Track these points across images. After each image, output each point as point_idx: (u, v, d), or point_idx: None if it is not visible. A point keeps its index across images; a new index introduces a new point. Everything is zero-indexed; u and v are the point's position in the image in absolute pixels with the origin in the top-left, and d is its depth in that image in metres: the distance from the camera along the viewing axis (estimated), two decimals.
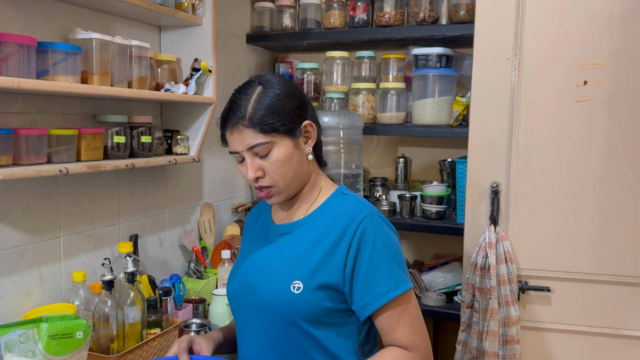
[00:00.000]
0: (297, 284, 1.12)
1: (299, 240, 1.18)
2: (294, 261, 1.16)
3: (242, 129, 1.09)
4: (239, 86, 1.18)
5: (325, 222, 1.16)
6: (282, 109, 1.11)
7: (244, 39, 2.42)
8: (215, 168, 2.26)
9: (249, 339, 1.22)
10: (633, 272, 1.76)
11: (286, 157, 1.12)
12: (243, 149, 1.11)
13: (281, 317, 1.14)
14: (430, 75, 2.18)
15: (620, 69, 1.71)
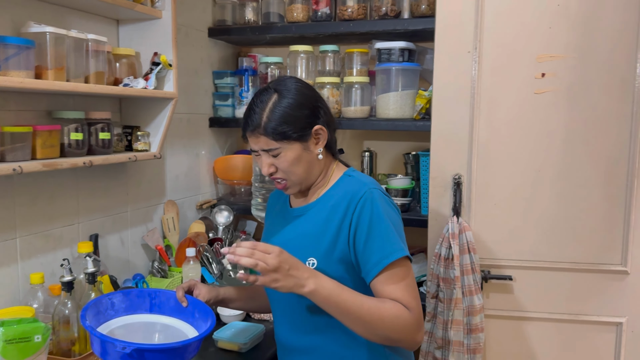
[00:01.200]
0: (311, 261, 1.24)
1: (311, 220, 1.29)
2: (307, 240, 1.27)
3: (258, 135, 1.23)
4: (257, 91, 1.29)
5: (331, 203, 1.27)
6: (294, 118, 1.23)
7: (206, 33, 2.38)
8: (178, 164, 2.23)
9: (280, 318, 1.36)
10: (591, 259, 1.82)
11: (294, 159, 1.24)
12: (258, 149, 1.25)
13: (300, 296, 1.18)
14: (394, 69, 2.19)
15: (578, 61, 1.76)
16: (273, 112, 1.22)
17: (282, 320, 1.36)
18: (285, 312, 1.34)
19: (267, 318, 1.87)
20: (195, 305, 1.34)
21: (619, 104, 1.74)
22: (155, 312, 1.36)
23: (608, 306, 1.83)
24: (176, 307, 1.35)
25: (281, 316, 1.37)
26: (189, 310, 1.34)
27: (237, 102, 2.43)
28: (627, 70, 1.73)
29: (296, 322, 1.31)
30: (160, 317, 1.36)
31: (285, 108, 1.23)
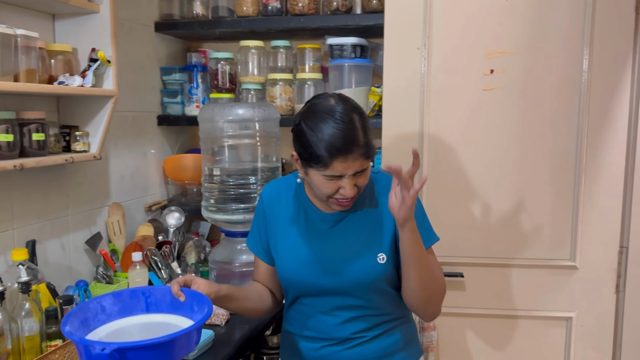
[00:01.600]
0: (381, 256, 1.31)
1: (364, 219, 1.34)
2: (371, 238, 1.33)
3: (357, 157, 1.20)
4: (339, 113, 1.21)
5: (379, 199, 1.35)
6: (372, 135, 1.25)
7: (153, 28, 2.30)
8: (123, 165, 2.14)
9: (322, 315, 1.36)
10: (541, 255, 1.83)
11: (368, 174, 1.28)
12: (350, 173, 1.21)
13: (370, 288, 1.32)
14: (346, 66, 2.15)
15: (526, 57, 1.75)
16: (365, 133, 1.22)
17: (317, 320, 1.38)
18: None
19: (217, 323, 1.82)
20: (192, 298, 1.23)
21: (567, 100, 1.75)
22: (152, 312, 1.26)
23: (558, 301, 1.84)
24: (173, 303, 1.25)
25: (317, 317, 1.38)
26: (187, 304, 1.23)
27: (186, 99, 2.36)
28: (574, 67, 1.74)
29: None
30: (158, 315, 1.26)
31: (368, 125, 1.24)
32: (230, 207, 1.91)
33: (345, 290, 1.33)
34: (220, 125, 1.91)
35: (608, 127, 1.74)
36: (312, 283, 1.35)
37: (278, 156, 2.05)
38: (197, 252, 2.24)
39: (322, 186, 1.24)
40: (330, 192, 1.24)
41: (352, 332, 1.35)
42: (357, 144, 1.19)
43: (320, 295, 1.36)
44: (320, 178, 1.23)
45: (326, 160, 1.19)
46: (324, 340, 1.38)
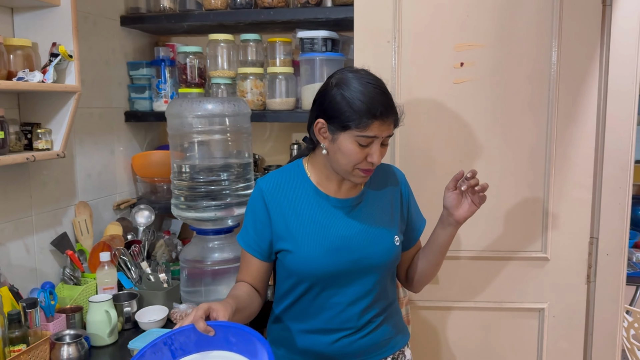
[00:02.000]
0: (396, 238, 1.39)
1: (377, 204, 1.41)
2: (386, 221, 1.40)
3: (392, 122, 1.27)
4: (373, 77, 1.29)
5: (386, 186, 1.44)
6: None
7: (118, 21, 2.24)
8: (90, 163, 2.08)
9: (342, 305, 1.36)
10: (513, 247, 1.84)
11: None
12: (383, 136, 1.27)
13: (387, 271, 1.41)
14: (318, 60, 2.13)
15: (496, 49, 1.75)
16: (393, 99, 1.30)
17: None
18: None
19: None
20: (224, 330, 1.12)
21: (537, 92, 1.76)
22: (179, 357, 1.13)
23: (530, 292, 1.86)
24: (200, 341, 1.13)
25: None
26: (219, 337, 1.12)
27: (154, 95, 2.30)
28: (543, 59, 1.74)
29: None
30: (189, 357, 1.13)
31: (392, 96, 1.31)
32: (201, 205, 1.87)
33: (367, 275, 1.36)
34: (189, 120, 1.87)
35: (577, 119, 1.75)
36: (338, 271, 1.34)
37: (250, 152, 2.02)
38: (168, 250, 2.20)
39: (351, 153, 1.26)
40: (359, 159, 1.27)
41: (368, 319, 1.38)
42: (393, 108, 1.27)
43: (342, 285, 1.36)
44: (351, 144, 1.26)
45: (367, 121, 1.23)
46: (340, 330, 1.37)
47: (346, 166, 1.29)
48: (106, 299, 1.69)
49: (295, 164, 1.43)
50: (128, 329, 1.76)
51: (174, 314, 1.79)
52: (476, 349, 1.91)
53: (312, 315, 1.38)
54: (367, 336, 1.39)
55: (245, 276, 1.41)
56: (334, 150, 1.29)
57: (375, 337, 1.40)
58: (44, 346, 1.50)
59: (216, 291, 1.89)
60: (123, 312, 1.75)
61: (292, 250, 1.34)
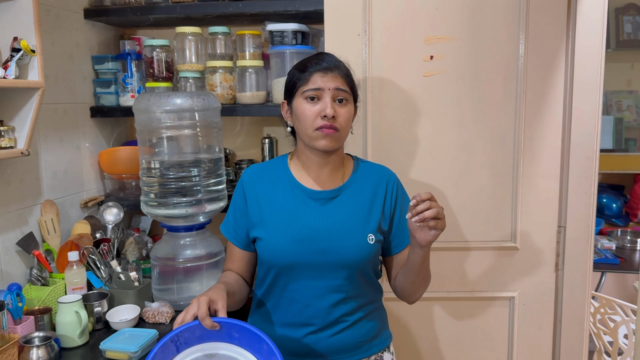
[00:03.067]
0: (371, 236, 1.36)
1: (354, 200, 1.39)
2: (361, 218, 1.37)
3: (337, 74, 1.31)
4: (318, 53, 1.38)
5: (368, 184, 1.41)
6: (354, 78, 1.39)
7: (82, 14, 2.17)
8: (55, 160, 2.02)
9: (308, 299, 1.36)
10: (483, 237, 1.86)
11: (351, 115, 1.36)
12: (331, 87, 1.30)
13: (357, 269, 1.36)
14: (288, 53, 2.11)
15: (465, 42, 1.77)
16: (346, 66, 1.36)
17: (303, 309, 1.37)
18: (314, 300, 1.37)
19: (162, 321, 1.76)
20: (229, 326, 1.15)
21: (505, 84, 1.78)
22: (182, 350, 1.16)
23: (500, 282, 1.89)
24: (204, 334, 1.15)
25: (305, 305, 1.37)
26: (222, 332, 1.15)
27: (121, 89, 2.25)
28: (511, 51, 1.76)
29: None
30: (193, 349, 1.16)
31: (350, 70, 1.37)
32: (171, 201, 1.84)
33: (334, 269, 1.34)
34: (158, 115, 1.83)
35: (544, 110, 1.78)
36: (303, 261, 1.34)
37: (221, 146, 1.99)
38: (138, 248, 2.17)
39: (304, 111, 1.31)
40: (313, 116, 1.30)
41: (336, 317, 1.36)
42: (337, 64, 1.33)
43: (308, 277, 1.35)
44: (302, 104, 1.31)
45: (307, 75, 1.31)
46: (307, 325, 1.37)
47: (307, 130, 1.32)
48: (76, 299, 1.65)
49: (281, 157, 1.48)
50: (99, 329, 1.73)
51: (146, 313, 1.77)
52: (448, 339, 1.94)
53: (281, 307, 1.39)
54: (336, 335, 1.37)
55: (230, 265, 1.47)
56: (295, 121, 1.36)
57: (346, 338, 1.38)
58: (12, 349, 1.46)
59: (188, 289, 1.87)
60: (93, 312, 1.72)
61: (262, 238, 1.38)
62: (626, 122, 3.30)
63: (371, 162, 1.49)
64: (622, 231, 3.23)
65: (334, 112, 1.29)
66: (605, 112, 3.32)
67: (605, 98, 3.33)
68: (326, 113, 1.28)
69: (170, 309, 1.78)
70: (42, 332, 1.58)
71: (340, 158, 1.43)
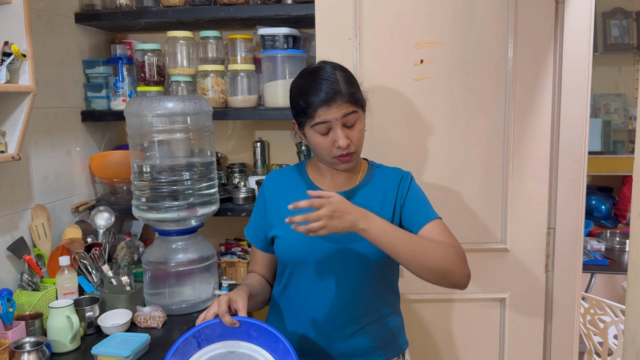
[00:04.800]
0: None
1: (367, 201, 1.39)
2: None
3: (340, 102, 1.28)
4: (321, 70, 1.32)
5: (382, 185, 1.42)
6: (359, 86, 1.36)
7: (73, 19, 2.17)
8: (46, 165, 2.02)
9: (322, 299, 1.36)
10: (475, 239, 1.88)
11: (363, 129, 1.35)
12: (338, 118, 1.28)
13: (370, 267, 1.35)
14: (279, 57, 2.12)
15: (455, 46, 1.78)
16: (347, 82, 1.31)
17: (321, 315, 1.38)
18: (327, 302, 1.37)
19: (154, 325, 1.76)
20: (248, 325, 1.19)
21: (494, 87, 1.80)
22: (204, 346, 1.22)
23: (492, 283, 1.90)
24: (225, 332, 1.21)
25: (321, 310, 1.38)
26: (242, 331, 1.20)
27: (112, 93, 2.25)
28: (500, 55, 1.78)
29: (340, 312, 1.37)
30: (214, 346, 1.22)
31: (353, 78, 1.35)
32: (163, 205, 1.84)
33: (347, 269, 1.35)
34: (149, 119, 1.83)
35: (533, 113, 1.80)
36: (317, 259, 1.36)
37: (212, 150, 2.00)
38: (130, 253, 2.16)
39: (318, 144, 1.32)
40: (328, 147, 1.31)
41: (348, 318, 1.37)
42: (338, 91, 1.28)
43: (321, 276, 1.36)
44: (314, 136, 1.32)
45: (310, 111, 1.29)
46: (318, 326, 1.38)
47: (324, 157, 1.35)
48: (67, 304, 1.64)
49: (300, 162, 1.52)
50: (91, 334, 1.72)
51: (138, 317, 1.76)
52: (440, 340, 1.95)
53: (295, 306, 1.42)
54: (348, 338, 1.37)
55: (253, 267, 1.53)
56: (310, 145, 1.37)
57: (358, 341, 1.38)
58: (3, 355, 1.45)
59: (180, 293, 1.87)
60: (85, 317, 1.71)
61: (279, 236, 1.41)
62: (614, 124, 3.34)
63: (387, 166, 1.50)
64: (611, 232, 3.26)
65: (347, 140, 1.30)
66: (593, 115, 3.36)
67: (594, 101, 3.37)
68: (340, 145, 1.29)
69: (162, 314, 1.78)
70: (33, 338, 1.57)
71: (357, 163, 1.45)
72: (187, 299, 1.87)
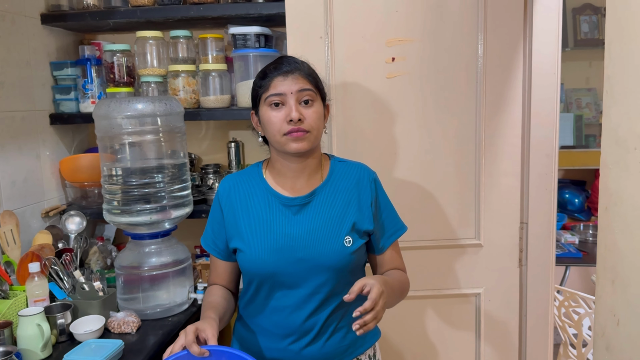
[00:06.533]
0: (348, 239, 1.33)
1: (328, 204, 1.35)
2: (336, 222, 1.34)
3: (298, 75, 1.29)
4: (278, 58, 1.36)
5: (344, 185, 1.38)
6: (320, 78, 1.36)
7: (39, 20, 2.12)
8: (14, 169, 1.97)
9: (290, 308, 1.34)
10: (449, 235, 1.89)
11: (320, 113, 1.32)
12: (293, 91, 1.27)
13: (336, 274, 1.32)
14: (251, 56, 2.10)
15: (426, 44, 1.79)
16: (309, 67, 1.34)
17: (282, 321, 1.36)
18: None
19: (128, 331, 1.73)
20: (219, 354, 1.14)
21: (465, 84, 1.81)
22: None
23: (466, 279, 1.92)
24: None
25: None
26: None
27: (81, 95, 2.20)
28: (471, 52, 1.79)
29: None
30: None
31: (314, 68, 1.36)
32: (134, 209, 1.81)
33: (314, 277, 1.32)
34: (119, 121, 1.80)
35: (504, 109, 1.82)
36: (282, 271, 1.32)
37: (185, 151, 1.97)
38: (102, 257, 2.12)
39: (270, 118, 1.29)
40: (280, 122, 1.28)
41: (319, 325, 1.34)
42: (296, 65, 1.30)
43: (289, 286, 1.33)
44: (267, 111, 1.30)
45: (267, 81, 1.29)
46: (289, 335, 1.35)
47: (276, 137, 1.30)
48: (37, 311, 1.60)
49: (255, 165, 1.46)
50: (63, 342, 1.69)
51: (111, 323, 1.73)
52: (416, 337, 1.96)
53: (264, 317, 1.38)
54: (319, 343, 1.35)
55: (214, 278, 1.47)
56: (264, 129, 1.34)
57: (330, 346, 1.36)
58: None
59: (155, 297, 1.84)
60: (57, 324, 1.67)
61: (241, 249, 1.36)
62: (586, 119, 3.39)
63: (349, 161, 1.45)
64: (584, 225, 3.31)
65: (300, 114, 1.27)
66: (565, 110, 3.40)
67: (565, 96, 3.42)
68: (292, 117, 1.26)
69: (136, 319, 1.75)
70: (3, 347, 1.53)
71: (317, 160, 1.40)
72: (161, 303, 1.84)
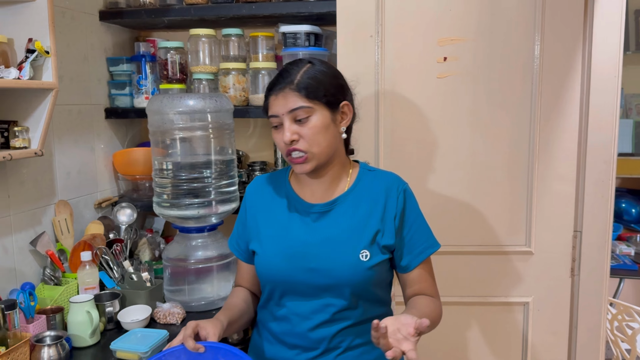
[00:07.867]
0: (364, 253, 1.24)
1: (349, 214, 1.28)
2: (355, 233, 1.26)
3: (288, 92, 1.20)
4: (288, 62, 1.29)
5: (368, 195, 1.29)
6: (326, 82, 1.23)
7: (97, 16, 2.19)
8: (69, 161, 2.04)
9: (299, 318, 1.28)
10: (497, 242, 1.84)
11: (323, 125, 1.22)
12: (284, 112, 1.20)
13: (351, 289, 1.24)
14: (301, 54, 2.10)
15: (479, 44, 1.75)
16: (307, 73, 1.22)
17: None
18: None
19: (173, 322, 1.76)
20: (214, 351, 1.14)
21: (520, 86, 1.76)
22: None
23: (515, 287, 1.86)
24: (191, 358, 1.15)
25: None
26: (208, 358, 1.15)
27: (135, 91, 2.27)
28: (526, 53, 1.74)
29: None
30: None
31: (318, 72, 1.23)
32: (183, 202, 1.85)
33: (326, 291, 1.26)
34: (170, 117, 1.84)
35: (560, 113, 1.75)
36: (294, 279, 1.28)
37: (233, 148, 1.99)
38: (151, 249, 2.17)
39: (276, 140, 1.26)
40: (280, 144, 1.24)
41: (328, 341, 1.27)
42: (288, 80, 1.21)
43: (299, 296, 1.29)
44: (273, 132, 1.26)
45: (266, 102, 1.25)
46: (297, 347, 1.30)
47: (284, 157, 1.27)
48: (87, 299, 1.66)
49: (285, 168, 1.43)
50: (110, 329, 1.73)
51: (157, 313, 1.77)
52: (461, 344, 1.91)
53: (275, 324, 1.35)
54: (323, 357, 1.28)
55: (239, 280, 1.47)
56: None
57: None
58: (24, 348, 1.47)
59: (200, 290, 1.87)
60: (105, 312, 1.72)
61: (257, 252, 1.34)
62: None
63: (379, 170, 1.37)
64: None
65: (296, 133, 1.21)
66: (624, 116, 3.26)
67: (625, 101, 3.27)
68: (284, 140, 1.21)
69: (181, 310, 1.78)
70: (54, 332, 1.58)
71: (338, 167, 1.32)
72: (206, 296, 1.87)
